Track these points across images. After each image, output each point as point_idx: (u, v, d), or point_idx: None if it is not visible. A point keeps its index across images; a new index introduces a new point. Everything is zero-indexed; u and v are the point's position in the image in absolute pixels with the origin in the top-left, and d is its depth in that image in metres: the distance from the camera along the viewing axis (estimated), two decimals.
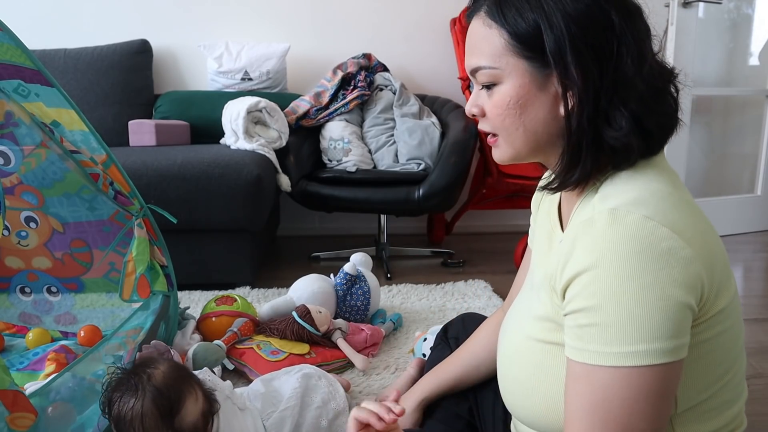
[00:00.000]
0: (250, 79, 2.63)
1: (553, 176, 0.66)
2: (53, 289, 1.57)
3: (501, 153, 0.68)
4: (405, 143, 2.45)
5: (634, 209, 0.56)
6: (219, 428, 0.93)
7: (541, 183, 0.70)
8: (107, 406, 0.88)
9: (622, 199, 0.58)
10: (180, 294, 1.85)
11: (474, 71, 0.66)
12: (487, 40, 0.63)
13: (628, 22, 0.60)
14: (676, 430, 0.63)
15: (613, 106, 0.60)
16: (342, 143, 2.47)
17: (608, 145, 0.61)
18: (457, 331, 1.12)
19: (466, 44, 0.68)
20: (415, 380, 1.18)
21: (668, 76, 0.64)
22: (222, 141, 2.39)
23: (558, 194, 0.75)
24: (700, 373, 0.62)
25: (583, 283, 0.57)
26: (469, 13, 0.67)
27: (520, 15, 0.60)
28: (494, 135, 0.68)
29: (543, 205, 0.82)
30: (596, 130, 0.61)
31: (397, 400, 0.76)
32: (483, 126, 0.69)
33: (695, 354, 0.60)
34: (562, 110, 0.62)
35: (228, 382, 1.04)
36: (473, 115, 0.69)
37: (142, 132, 2.34)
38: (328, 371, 1.29)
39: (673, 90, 0.64)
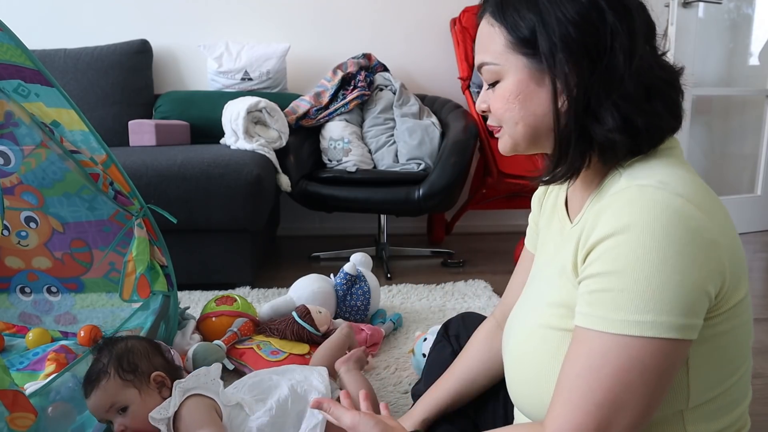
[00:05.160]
0: (250, 79, 2.63)
1: (544, 170, 0.69)
2: (53, 289, 1.57)
3: (503, 144, 0.72)
4: (405, 143, 2.45)
5: (663, 186, 0.57)
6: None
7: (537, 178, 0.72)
8: (103, 352, 1.02)
9: (650, 180, 0.59)
10: (180, 294, 1.85)
11: (480, 67, 0.70)
12: (491, 38, 0.67)
13: (623, 20, 0.61)
14: (687, 428, 0.63)
15: (601, 104, 0.61)
16: (342, 143, 2.47)
17: (595, 141, 0.63)
18: (458, 329, 1.12)
19: (476, 42, 0.72)
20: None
21: (670, 75, 0.65)
22: (222, 141, 2.39)
23: (564, 192, 0.77)
24: (714, 366, 0.61)
25: (606, 248, 0.57)
26: (479, 14, 0.71)
27: (519, 15, 0.64)
28: (499, 127, 0.72)
29: (547, 203, 0.83)
30: (584, 126, 0.63)
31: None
32: (490, 121, 0.73)
33: (711, 346, 0.60)
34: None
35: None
36: (482, 111, 0.73)
37: (142, 132, 2.34)
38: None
39: (672, 92, 0.65)
